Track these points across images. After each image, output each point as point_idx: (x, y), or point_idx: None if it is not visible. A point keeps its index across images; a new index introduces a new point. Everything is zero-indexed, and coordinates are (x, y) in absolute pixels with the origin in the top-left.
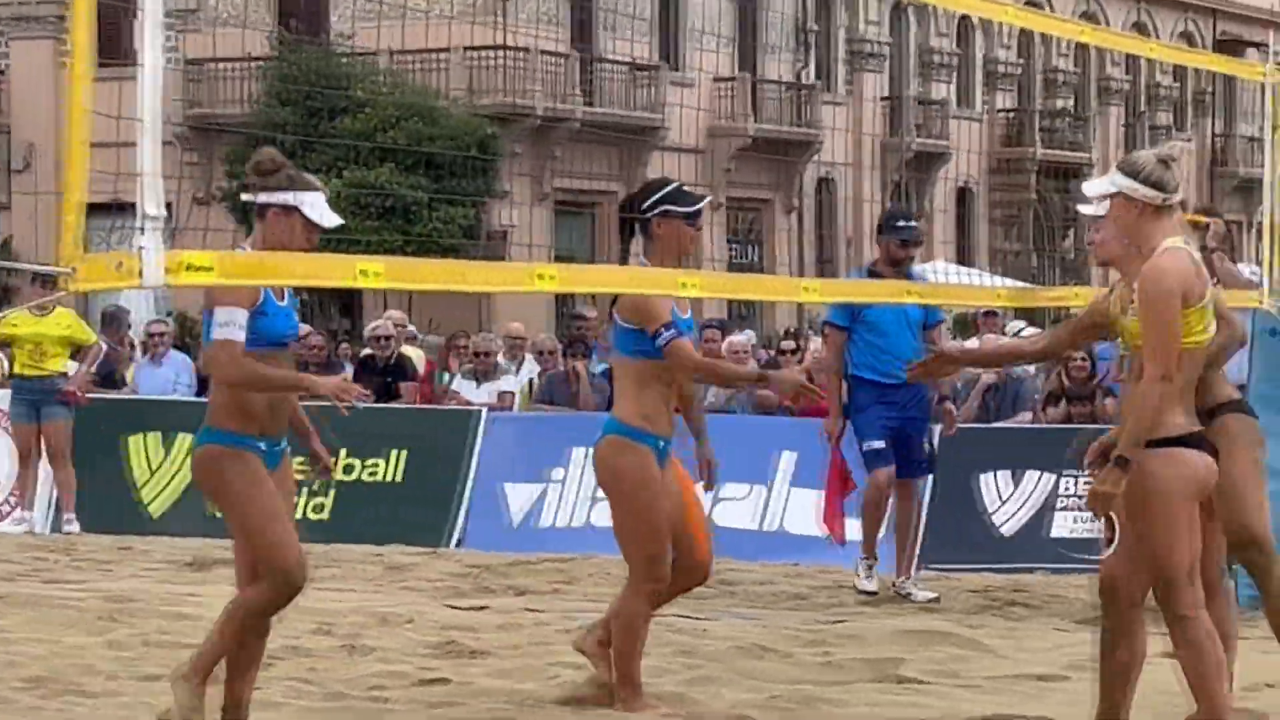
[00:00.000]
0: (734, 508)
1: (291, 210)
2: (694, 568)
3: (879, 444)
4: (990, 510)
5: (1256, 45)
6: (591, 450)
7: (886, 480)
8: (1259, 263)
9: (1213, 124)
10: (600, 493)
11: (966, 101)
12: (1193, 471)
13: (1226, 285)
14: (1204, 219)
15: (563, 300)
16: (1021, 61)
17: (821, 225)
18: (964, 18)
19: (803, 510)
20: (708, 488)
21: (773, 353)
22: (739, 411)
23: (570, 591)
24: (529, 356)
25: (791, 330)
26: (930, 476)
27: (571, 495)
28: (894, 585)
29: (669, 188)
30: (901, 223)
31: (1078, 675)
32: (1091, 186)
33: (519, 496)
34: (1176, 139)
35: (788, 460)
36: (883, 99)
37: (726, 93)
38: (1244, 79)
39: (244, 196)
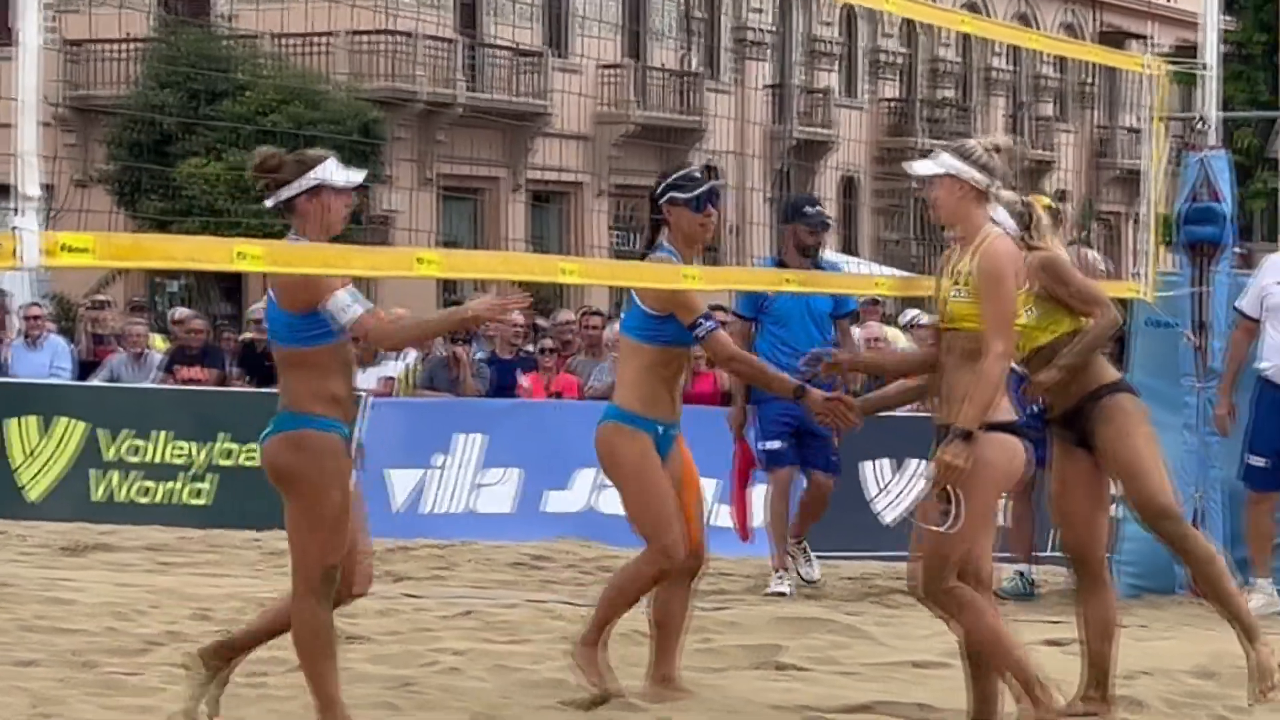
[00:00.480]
0: (616, 494)
1: (317, 189)
2: (686, 555)
3: (775, 444)
4: (872, 498)
5: (1137, 37)
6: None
7: (786, 480)
8: (1135, 253)
9: (1095, 115)
10: (482, 479)
11: (851, 91)
12: (1009, 461)
13: (1088, 274)
14: (1057, 204)
15: (446, 286)
16: (906, 52)
17: None
18: (849, 7)
19: None
20: None
21: None
22: None
23: (449, 578)
24: None
25: None
26: None
27: (453, 481)
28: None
29: (676, 174)
30: (809, 208)
31: (956, 663)
32: (920, 166)
33: (402, 482)
34: (1057, 128)
35: None
36: (768, 87)
37: (612, 79)
38: (1126, 71)
39: (268, 204)
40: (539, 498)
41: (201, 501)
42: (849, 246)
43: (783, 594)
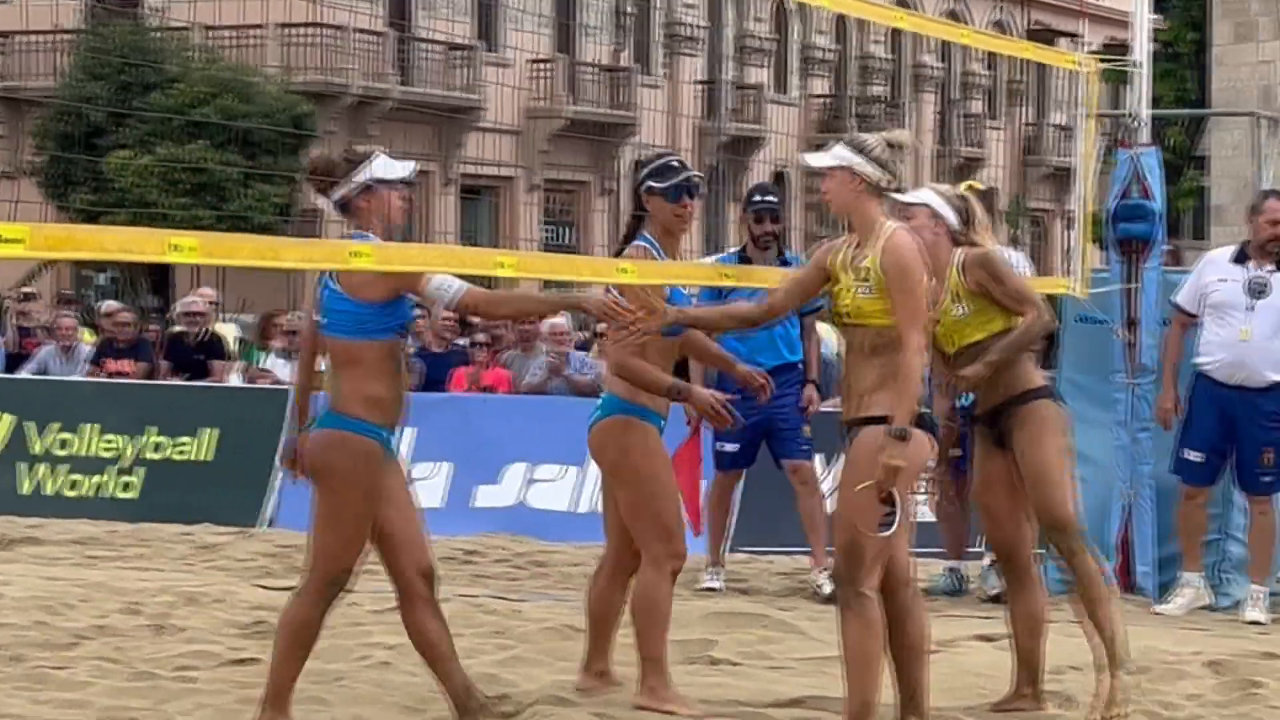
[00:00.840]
0: (548, 489)
1: (371, 186)
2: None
3: (730, 445)
4: None
5: (1067, 35)
6: (591, 429)
7: (731, 484)
8: (1065, 250)
9: (1024, 113)
10: (412, 473)
11: (782, 87)
12: (917, 455)
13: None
14: (988, 187)
15: None
16: (837, 48)
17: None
18: (780, 3)
19: None
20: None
21: (588, 334)
22: (554, 392)
23: (380, 571)
24: None
25: None
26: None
27: None
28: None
29: (654, 163)
30: (757, 196)
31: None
32: (815, 158)
33: None
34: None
35: None
36: (699, 83)
37: (544, 74)
38: (1055, 68)
39: (323, 204)
40: (469, 492)
41: (130, 495)
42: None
43: (714, 589)
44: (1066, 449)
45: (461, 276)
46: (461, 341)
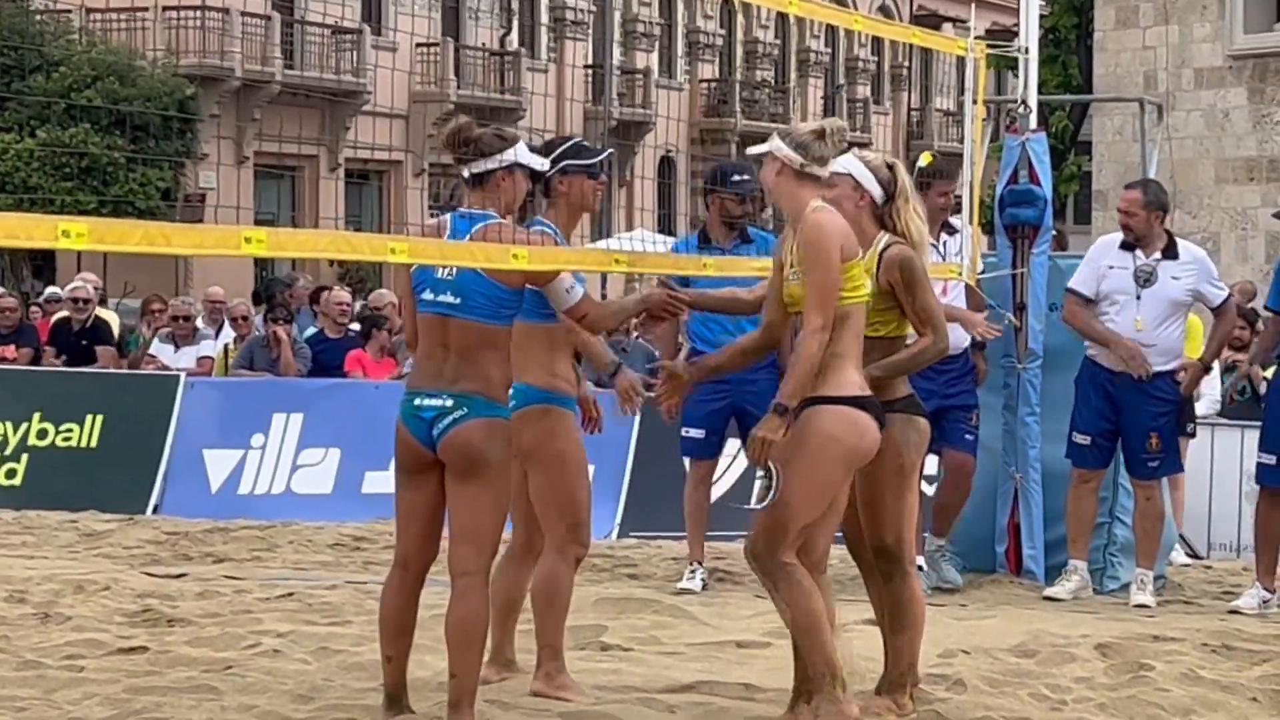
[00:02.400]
0: None
1: (512, 168)
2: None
3: (695, 432)
4: None
5: (952, 20)
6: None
7: (706, 472)
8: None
9: (909, 98)
10: (301, 459)
11: (669, 71)
12: (858, 437)
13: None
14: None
15: (262, 265)
16: (723, 33)
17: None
18: None
19: None
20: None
21: None
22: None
23: (270, 559)
24: (226, 321)
25: None
26: (633, 444)
27: (273, 461)
28: None
29: (569, 144)
30: (737, 176)
31: (779, 642)
32: (754, 148)
33: (219, 463)
34: (873, 111)
35: None
36: (586, 67)
37: (430, 58)
38: (940, 54)
39: (465, 173)
40: (358, 478)
41: (14, 483)
42: (666, 226)
43: (692, 591)
44: (905, 469)
45: (353, 262)
46: (355, 327)
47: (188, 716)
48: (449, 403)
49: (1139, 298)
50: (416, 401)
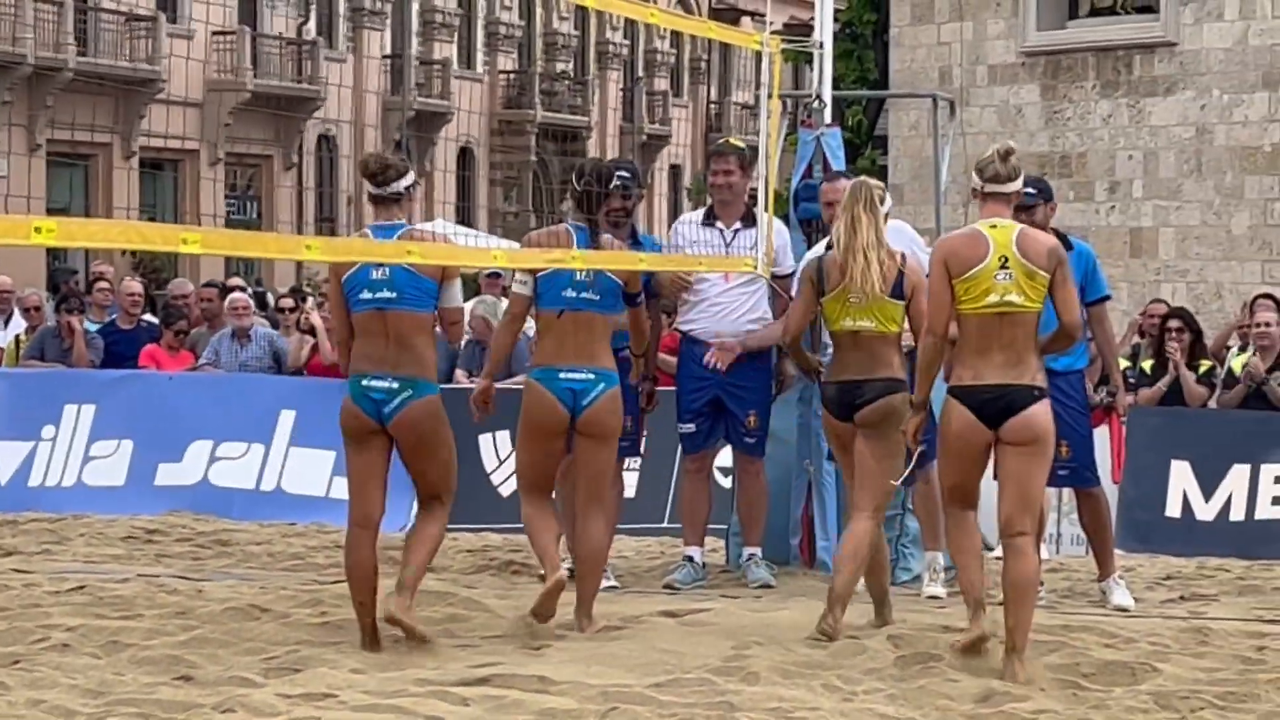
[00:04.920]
0: (231, 467)
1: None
2: None
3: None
4: (490, 471)
5: (751, 14)
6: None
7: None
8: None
9: (709, 91)
10: (93, 451)
11: (468, 62)
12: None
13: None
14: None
15: (54, 255)
16: (522, 24)
17: (322, 183)
18: None
19: (302, 470)
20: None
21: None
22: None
23: (60, 552)
24: (16, 311)
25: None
26: None
27: (64, 453)
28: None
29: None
30: (621, 172)
31: (573, 635)
32: None
33: (8, 454)
34: (672, 103)
35: (287, 419)
36: (385, 57)
37: (226, 46)
38: (739, 47)
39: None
40: (151, 470)
41: None
42: (465, 218)
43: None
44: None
45: (144, 252)
46: (149, 318)
47: None
48: (394, 385)
49: None
50: (364, 383)
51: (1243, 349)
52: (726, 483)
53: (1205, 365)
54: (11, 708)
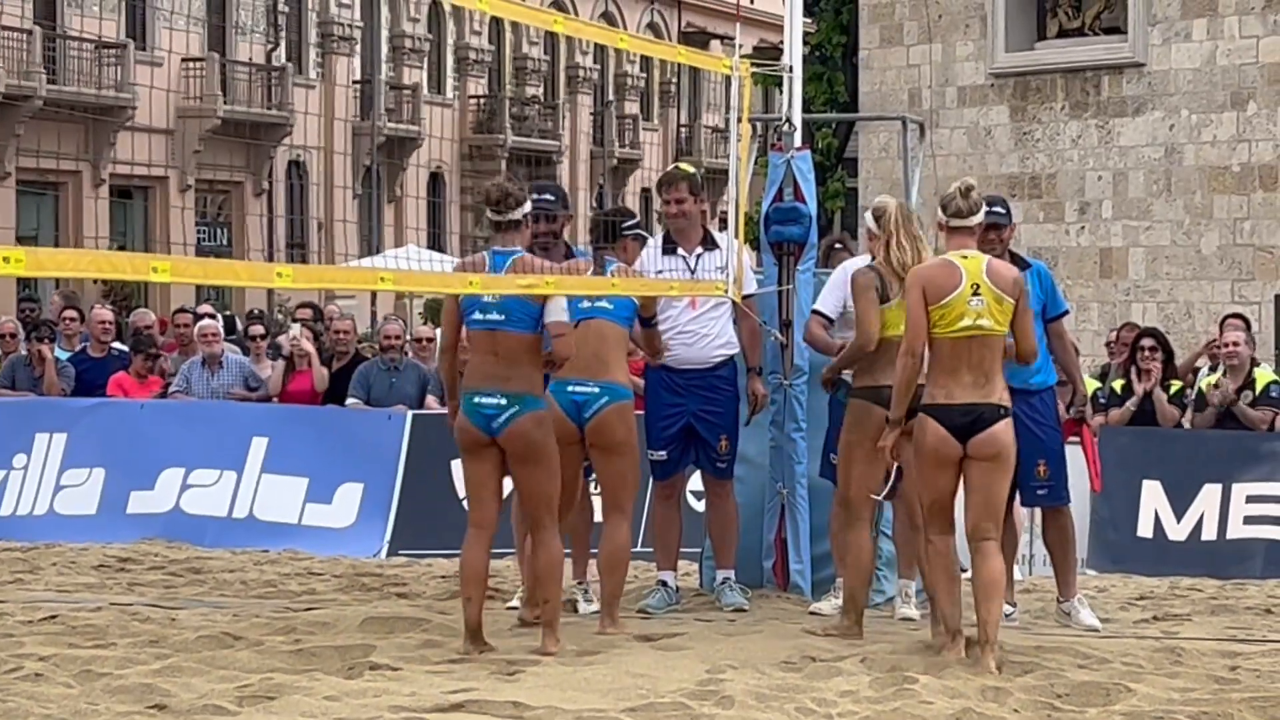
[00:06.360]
0: (203, 495)
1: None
2: None
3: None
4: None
5: (720, 38)
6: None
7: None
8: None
9: (679, 114)
10: (65, 479)
11: (438, 87)
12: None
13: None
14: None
15: (23, 283)
16: (492, 49)
17: (293, 209)
18: (435, 3)
19: (274, 496)
20: None
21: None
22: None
23: (32, 581)
24: None
25: (259, 313)
26: (402, 461)
27: (35, 482)
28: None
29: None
30: (535, 195)
31: (547, 660)
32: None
33: None
34: (642, 127)
35: (259, 446)
36: (355, 83)
37: (196, 73)
38: (709, 71)
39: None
40: (123, 498)
41: None
42: (435, 243)
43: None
44: (852, 442)
45: (114, 281)
46: (121, 346)
47: None
48: (503, 401)
49: None
50: (475, 400)
51: (1213, 369)
52: (699, 506)
53: (1176, 385)
54: None
